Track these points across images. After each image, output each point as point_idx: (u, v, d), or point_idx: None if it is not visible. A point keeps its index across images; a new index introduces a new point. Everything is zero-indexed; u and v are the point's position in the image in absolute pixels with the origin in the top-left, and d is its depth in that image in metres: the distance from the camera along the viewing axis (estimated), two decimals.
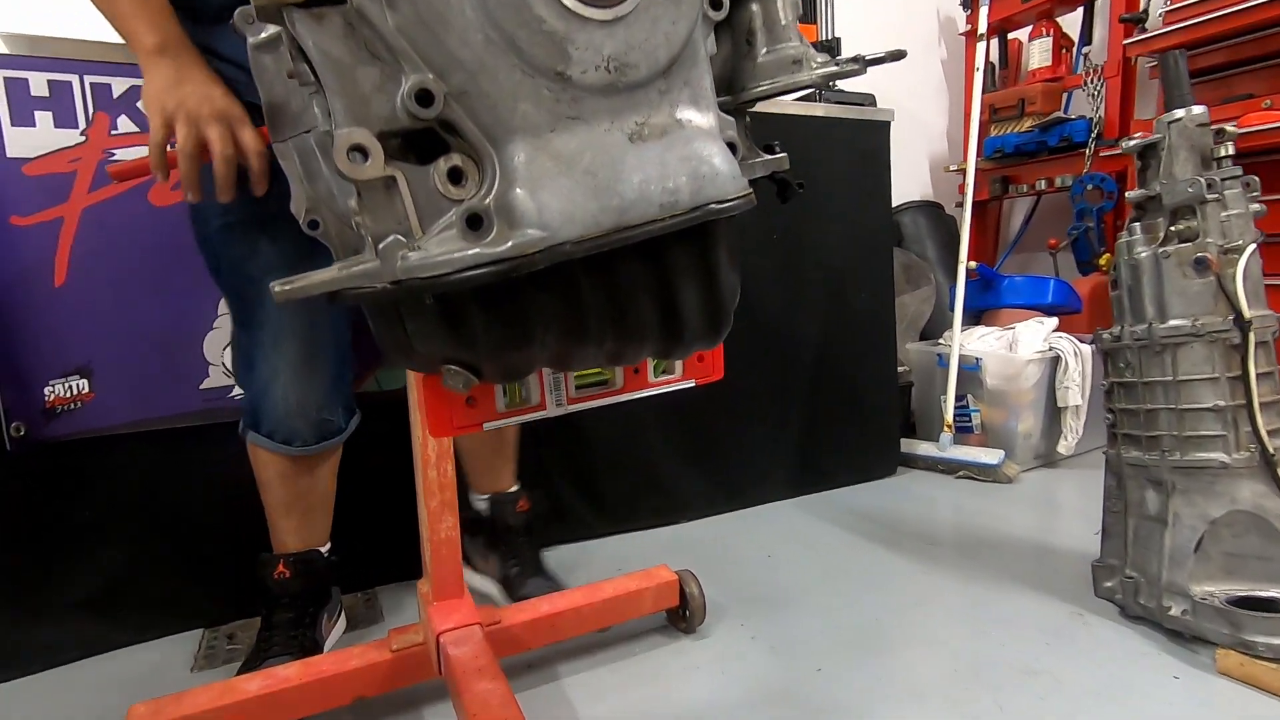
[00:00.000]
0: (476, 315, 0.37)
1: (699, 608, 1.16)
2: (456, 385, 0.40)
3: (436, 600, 0.95)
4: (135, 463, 1.21)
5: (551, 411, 0.51)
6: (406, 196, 0.36)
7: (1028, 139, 2.54)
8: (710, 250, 0.40)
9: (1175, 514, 1.08)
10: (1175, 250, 1.09)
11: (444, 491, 0.92)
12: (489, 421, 0.48)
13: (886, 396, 1.95)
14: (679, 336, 0.41)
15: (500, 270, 0.34)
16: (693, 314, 0.41)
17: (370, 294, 0.37)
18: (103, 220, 1.16)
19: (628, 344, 0.41)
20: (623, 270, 0.38)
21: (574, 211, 0.35)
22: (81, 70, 1.13)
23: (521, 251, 0.34)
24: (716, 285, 0.42)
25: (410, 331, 0.40)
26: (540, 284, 0.37)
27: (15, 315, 1.12)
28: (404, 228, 0.36)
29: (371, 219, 0.36)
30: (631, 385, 0.54)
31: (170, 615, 1.25)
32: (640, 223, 0.36)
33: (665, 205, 0.37)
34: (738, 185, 0.39)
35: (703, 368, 0.56)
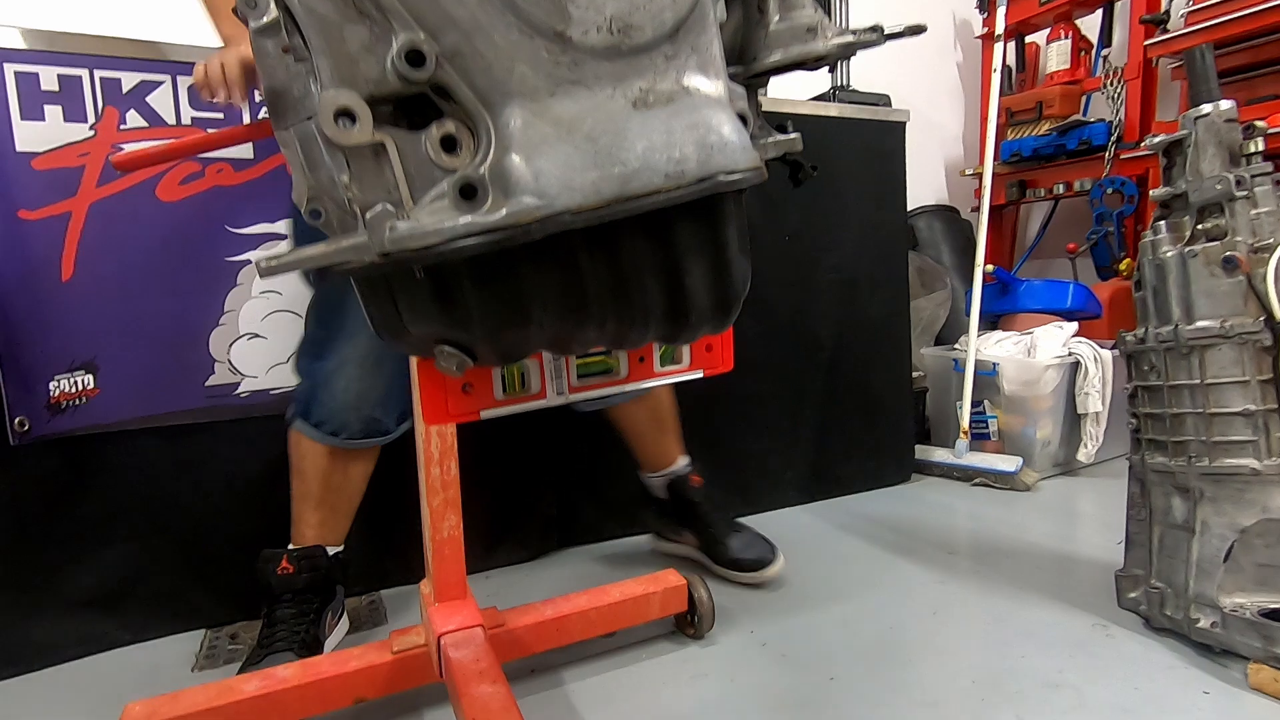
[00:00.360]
0: (470, 291, 0.35)
1: (708, 613, 1.13)
2: (450, 368, 0.38)
3: (438, 601, 0.93)
4: (139, 460, 1.20)
5: (552, 400, 0.49)
6: (396, 164, 0.34)
7: (1045, 142, 2.50)
8: (719, 226, 0.38)
9: (1203, 522, 1.04)
10: (1203, 249, 1.05)
11: (446, 489, 0.90)
12: (486, 409, 0.46)
13: (901, 402, 1.92)
14: (685, 318, 0.39)
15: (493, 240, 0.32)
16: (700, 294, 0.39)
17: (359, 268, 0.35)
18: (110, 215, 1.15)
19: (631, 326, 0.38)
20: (626, 245, 0.36)
21: (573, 179, 0.33)
22: (92, 65, 1.13)
23: (516, 220, 0.32)
24: (725, 264, 0.39)
25: (402, 309, 0.38)
26: (537, 258, 0.35)
27: (22, 309, 1.11)
28: (394, 198, 0.34)
29: (360, 188, 0.34)
30: (636, 375, 0.51)
31: (172, 614, 1.24)
32: (644, 193, 0.34)
33: (671, 175, 0.34)
34: (748, 157, 0.37)
35: (711, 358, 0.54)
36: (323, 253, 0.36)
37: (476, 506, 1.42)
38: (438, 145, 0.34)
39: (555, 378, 0.49)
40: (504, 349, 0.38)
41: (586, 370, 0.50)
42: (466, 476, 1.39)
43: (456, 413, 0.45)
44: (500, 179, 0.33)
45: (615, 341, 0.40)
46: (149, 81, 1.16)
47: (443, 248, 0.32)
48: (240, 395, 1.26)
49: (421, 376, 0.44)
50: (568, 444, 1.51)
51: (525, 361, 0.48)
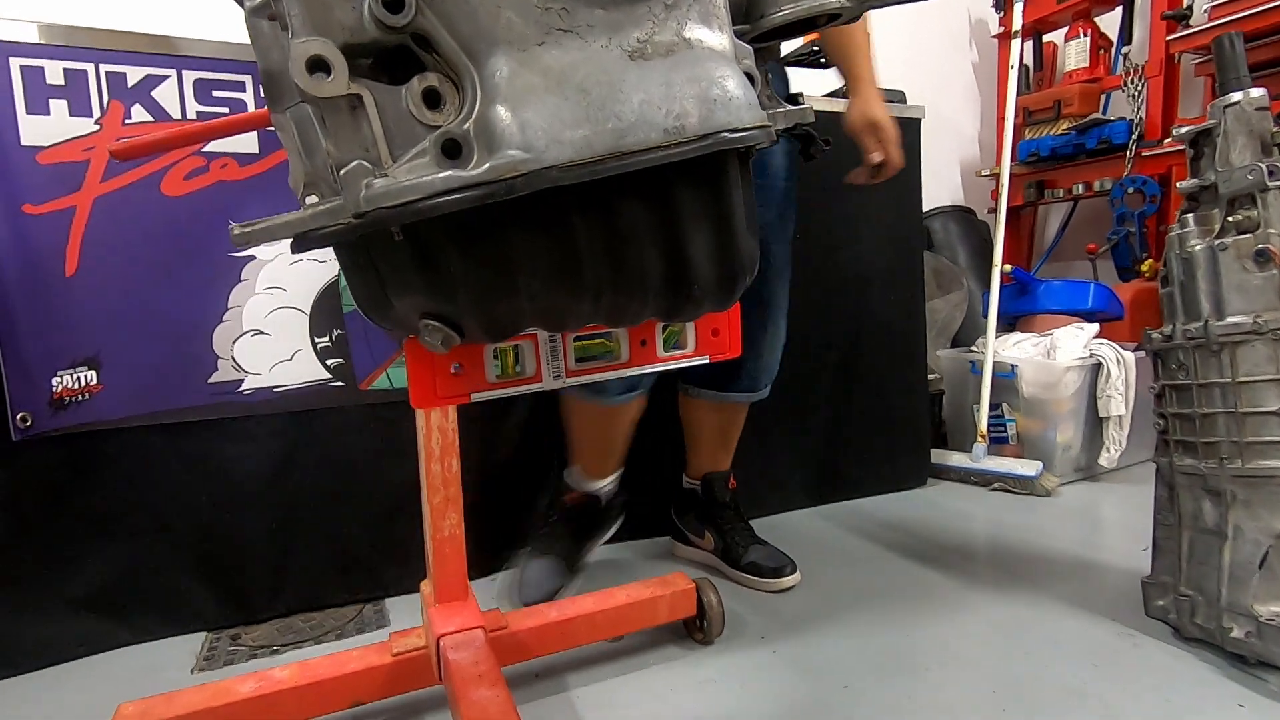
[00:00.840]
0: (453, 257, 0.33)
1: (717, 618, 1.10)
2: (435, 343, 0.35)
3: (439, 602, 0.90)
4: (141, 457, 1.19)
5: (548, 384, 0.46)
6: (374, 119, 0.31)
7: (1064, 142, 2.46)
8: (723, 191, 0.35)
9: (1236, 527, 0.99)
10: (1233, 242, 1.01)
11: (448, 487, 0.88)
12: (477, 392, 0.43)
13: (915, 404, 1.87)
14: (686, 291, 0.36)
15: (476, 197, 0.30)
16: (702, 264, 0.36)
17: (335, 232, 0.33)
18: (115, 210, 1.14)
19: (628, 298, 0.36)
20: (621, 208, 0.33)
21: (562, 132, 0.31)
22: (97, 58, 1.12)
23: (500, 175, 0.30)
24: (729, 232, 0.36)
25: (384, 279, 0.35)
26: (525, 220, 0.32)
27: (25, 304, 1.10)
28: (371, 156, 0.32)
29: (334, 145, 0.31)
30: (638, 359, 0.49)
31: (174, 615, 1.22)
32: (640, 149, 0.31)
33: (670, 130, 0.32)
34: (754, 114, 0.34)
35: (717, 343, 0.51)
36: (298, 218, 0.34)
37: (483, 510, 1.40)
38: (419, 99, 0.32)
39: (552, 360, 0.46)
40: (492, 322, 0.35)
41: (585, 353, 0.47)
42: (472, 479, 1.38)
43: (445, 395, 0.42)
44: (485, 133, 0.30)
45: (612, 316, 0.37)
46: (155, 76, 1.15)
47: (421, 204, 0.30)
48: (244, 392, 1.24)
49: (409, 357, 0.41)
50: None
51: (520, 343, 0.45)
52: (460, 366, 0.43)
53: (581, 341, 0.47)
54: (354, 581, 1.33)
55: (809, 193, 1.63)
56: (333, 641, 1.18)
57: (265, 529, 1.27)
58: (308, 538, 1.29)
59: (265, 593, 1.27)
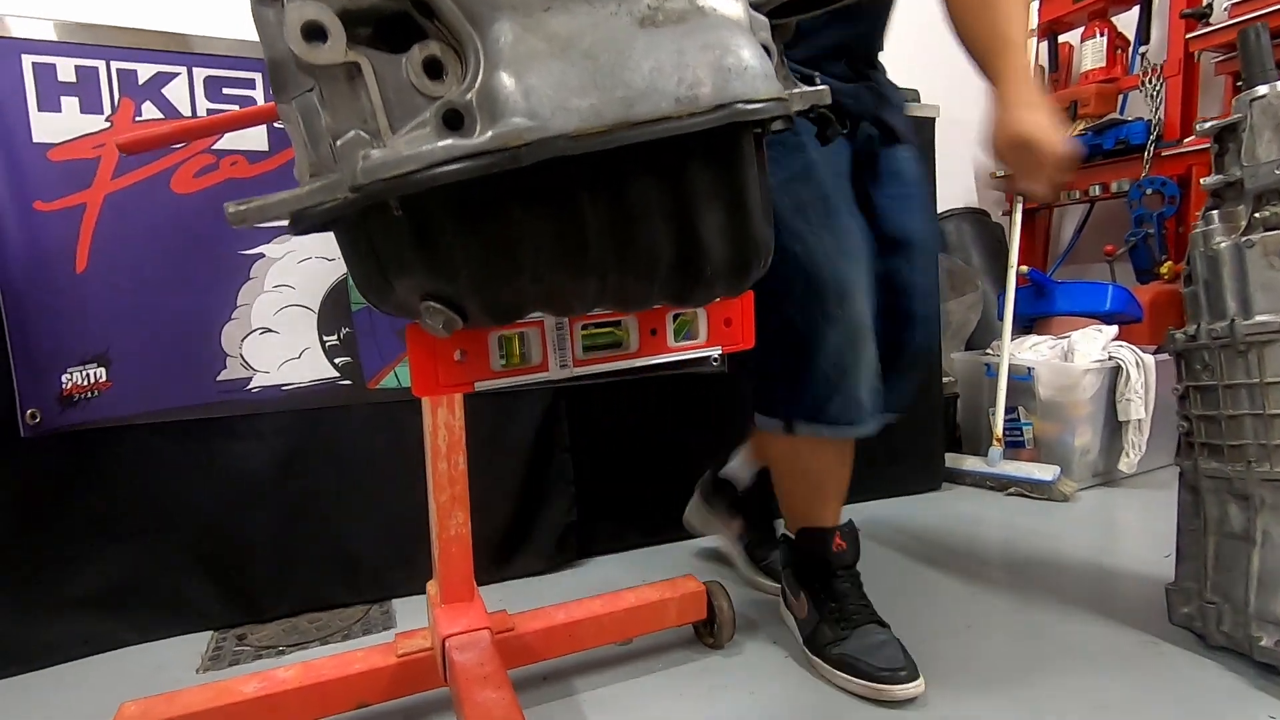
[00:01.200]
0: (454, 234, 0.31)
1: (728, 622, 1.07)
2: (436, 325, 0.34)
3: (445, 603, 0.89)
4: (148, 455, 1.19)
5: (555, 374, 0.44)
6: (373, 89, 0.30)
7: (1080, 142, 2.42)
8: (737, 168, 0.34)
9: (1264, 532, 0.96)
10: (1260, 239, 0.98)
11: (454, 485, 0.86)
12: (482, 381, 0.42)
13: (929, 406, 1.84)
14: (697, 272, 0.35)
15: (477, 167, 0.28)
16: (714, 244, 0.34)
17: (333, 208, 0.31)
18: (125, 207, 1.14)
19: (637, 280, 0.34)
20: (630, 183, 0.32)
21: (569, 99, 0.29)
22: (109, 56, 1.12)
23: (503, 144, 0.28)
24: (743, 210, 0.35)
25: (383, 259, 0.34)
26: (529, 194, 0.31)
27: (36, 301, 1.10)
28: (370, 127, 0.30)
29: (331, 116, 0.30)
30: (649, 349, 0.47)
31: (179, 615, 1.22)
32: (651, 119, 0.30)
33: (682, 100, 0.30)
34: (771, 85, 0.32)
35: (730, 334, 0.49)
36: (295, 195, 0.33)
37: (492, 514, 1.39)
38: (420, 69, 0.31)
39: (559, 349, 0.44)
40: (495, 304, 0.34)
41: (594, 342, 0.45)
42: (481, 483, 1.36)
43: (448, 383, 0.41)
44: (488, 102, 0.29)
45: (619, 299, 0.35)
46: (165, 73, 1.15)
47: (420, 175, 0.28)
48: (252, 391, 1.24)
49: (411, 343, 0.40)
50: (588, 448, 1.47)
51: (526, 330, 0.43)
52: (464, 354, 0.41)
53: (589, 330, 0.45)
54: (361, 582, 1.32)
55: None
56: (339, 642, 1.17)
57: (272, 528, 1.26)
58: (315, 538, 1.28)
59: (271, 593, 1.26)
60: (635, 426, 1.50)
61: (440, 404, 0.84)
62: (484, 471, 1.35)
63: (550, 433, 1.42)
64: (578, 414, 1.45)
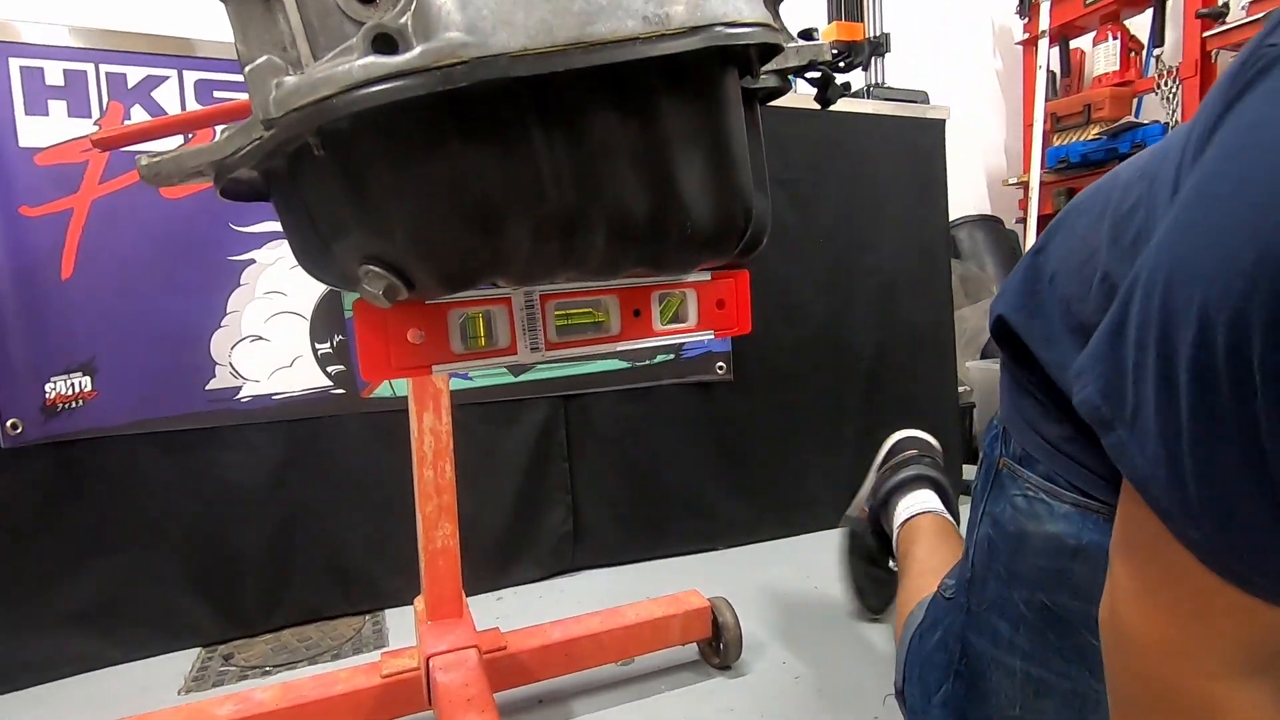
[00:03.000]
0: (388, 180, 0.27)
1: (734, 640, 1.01)
2: (376, 292, 0.30)
3: (431, 619, 0.84)
4: (135, 466, 1.15)
5: (524, 357, 0.40)
6: (291, 11, 0.26)
7: (1095, 147, 2.37)
8: (718, 107, 0.29)
9: None
10: None
11: (441, 495, 0.82)
12: (440, 364, 0.37)
13: (946, 417, 1.78)
14: (675, 225, 0.30)
15: (403, 87, 0.24)
16: (694, 195, 0.30)
17: (250, 153, 0.27)
18: (112, 212, 1.12)
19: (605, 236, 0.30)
20: (592, 118, 0.27)
21: (514, 13, 0.25)
22: (98, 59, 1.10)
23: (434, 61, 0.24)
24: (726, 157, 0.30)
25: (316, 219, 0.30)
26: (473, 130, 0.27)
27: (19, 308, 1.08)
28: (290, 57, 0.26)
29: (243, 43, 0.26)
30: (632, 332, 0.42)
31: (167, 630, 1.17)
32: (613, 39, 0.25)
33: (651, 19, 0.26)
34: (755, 9, 0.28)
35: (723, 317, 0.44)
36: (212, 145, 0.29)
37: (487, 522, 1.34)
38: None
39: (528, 329, 0.40)
40: (440, 265, 0.29)
41: (569, 323, 0.41)
42: (477, 490, 1.32)
43: (400, 365, 0.36)
44: (422, 17, 0.25)
45: (587, 262, 0.31)
46: (155, 76, 1.13)
47: (337, 100, 0.24)
48: (241, 400, 1.20)
49: (358, 320, 0.35)
50: (586, 454, 1.42)
51: (491, 309, 0.39)
52: (422, 335, 0.37)
53: (565, 310, 0.41)
54: (353, 594, 1.27)
55: (830, 193, 1.57)
56: (328, 662, 1.12)
57: (263, 540, 1.22)
58: (306, 549, 1.24)
59: (262, 606, 1.22)
60: (635, 436, 1.45)
61: (426, 408, 0.80)
62: (480, 479, 1.31)
63: (548, 442, 1.38)
64: (577, 423, 1.41)
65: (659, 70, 0.27)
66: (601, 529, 1.43)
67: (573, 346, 0.41)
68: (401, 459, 1.09)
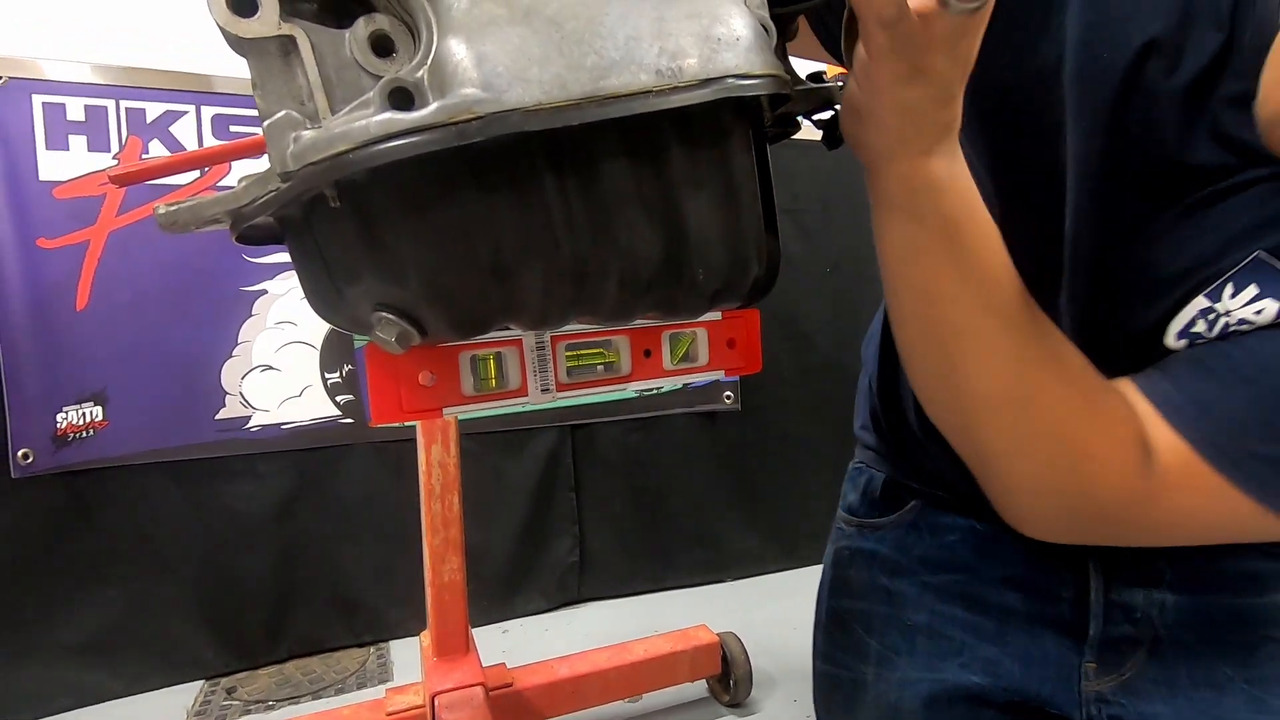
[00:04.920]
0: (402, 228, 0.27)
1: (744, 677, 1.00)
2: (389, 339, 0.30)
3: (437, 656, 0.83)
4: (143, 496, 1.15)
5: (536, 398, 0.40)
6: (310, 66, 0.27)
7: None
8: (728, 153, 0.30)
9: None
10: None
11: (449, 528, 0.81)
12: (451, 407, 0.37)
13: None
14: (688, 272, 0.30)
15: (420, 142, 0.24)
16: (707, 241, 0.30)
17: (267, 203, 0.27)
18: (128, 244, 1.13)
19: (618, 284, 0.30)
20: (603, 167, 0.27)
21: (529, 69, 0.25)
22: (118, 95, 1.13)
23: (450, 117, 0.24)
24: (737, 201, 0.30)
25: (330, 263, 0.30)
26: (486, 180, 0.27)
27: (34, 339, 1.09)
28: (308, 110, 0.27)
29: (262, 98, 0.26)
30: (642, 372, 0.42)
31: (170, 662, 1.16)
32: (626, 92, 0.26)
33: (664, 72, 0.26)
34: (766, 60, 0.28)
35: (734, 356, 0.44)
36: (230, 194, 0.29)
37: (493, 551, 1.33)
38: (365, 45, 0.27)
39: (539, 370, 0.40)
40: (454, 312, 0.29)
41: (580, 363, 0.41)
42: (483, 519, 1.31)
43: (412, 409, 0.36)
44: (438, 73, 0.25)
45: (600, 308, 0.31)
46: (173, 111, 1.16)
47: (354, 155, 0.24)
48: (250, 429, 1.20)
49: (369, 364, 0.35)
50: (593, 483, 1.41)
51: (502, 350, 0.39)
52: (434, 377, 0.37)
53: (575, 350, 0.41)
54: (358, 625, 1.26)
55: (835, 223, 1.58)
56: (331, 696, 1.11)
57: (268, 570, 1.21)
58: (313, 579, 1.23)
59: (266, 637, 1.21)
60: (642, 465, 1.44)
61: (435, 440, 0.80)
62: (486, 508, 1.30)
63: (555, 471, 1.37)
64: (584, 451, 1.40)
65: (670, 118, 0.28)
66: (608, 559, 1.42)
67: (583, 387, 0.41)
68: (408, 488, 1.09)
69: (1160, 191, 0.38)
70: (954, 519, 0.52)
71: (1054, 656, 0.48)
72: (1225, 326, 0.36)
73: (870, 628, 0.54)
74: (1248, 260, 0.35)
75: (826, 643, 0.58)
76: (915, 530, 0.54)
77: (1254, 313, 0.35)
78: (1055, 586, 0.49)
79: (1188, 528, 0.38)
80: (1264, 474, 0.34)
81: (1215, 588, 0.47)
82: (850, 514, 0.59)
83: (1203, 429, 0.35)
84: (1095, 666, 0.48)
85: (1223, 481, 0.35)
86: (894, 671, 0.51)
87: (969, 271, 0.36)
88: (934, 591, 0.52)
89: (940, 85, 0.31)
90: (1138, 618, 0.47)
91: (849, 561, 0.57)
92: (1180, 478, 0.35)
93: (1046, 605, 0.49)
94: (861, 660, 0.54)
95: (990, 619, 0.50)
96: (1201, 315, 0.37)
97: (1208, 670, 0.46)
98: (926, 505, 0.54)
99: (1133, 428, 0.36)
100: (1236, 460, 0.34)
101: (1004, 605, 0.50)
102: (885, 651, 0.52)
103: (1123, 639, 0.47)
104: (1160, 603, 0.47)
